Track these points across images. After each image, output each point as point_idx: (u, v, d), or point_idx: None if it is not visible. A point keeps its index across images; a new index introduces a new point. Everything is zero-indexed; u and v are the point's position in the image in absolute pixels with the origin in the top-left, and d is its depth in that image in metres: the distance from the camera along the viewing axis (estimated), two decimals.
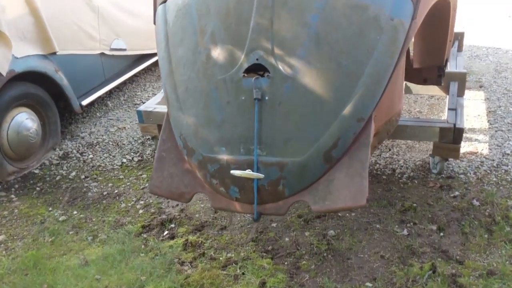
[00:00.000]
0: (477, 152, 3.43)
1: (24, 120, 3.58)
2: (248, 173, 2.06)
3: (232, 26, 2.24)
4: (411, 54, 3.17)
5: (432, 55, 3.12)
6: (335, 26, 2.14)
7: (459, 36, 4.32)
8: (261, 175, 2.07)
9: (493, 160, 3.32)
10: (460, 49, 4.29)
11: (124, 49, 4.47)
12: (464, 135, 3.65)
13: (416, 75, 3.30)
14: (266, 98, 2.12)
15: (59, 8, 3.91)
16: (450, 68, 3.89)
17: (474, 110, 4.01)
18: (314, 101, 2.10)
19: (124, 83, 4.94)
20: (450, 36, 3.08)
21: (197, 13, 2.32)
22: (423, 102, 4.21)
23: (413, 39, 3.20)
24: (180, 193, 2.25)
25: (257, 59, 2.15)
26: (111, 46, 4.37)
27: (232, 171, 2.09)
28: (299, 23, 2.16)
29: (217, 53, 2.22)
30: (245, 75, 2.17)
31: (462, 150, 3.45)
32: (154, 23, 2.56)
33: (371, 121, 2.12)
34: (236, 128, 2.14)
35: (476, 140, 3.59)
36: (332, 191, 2.05)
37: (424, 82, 3.32)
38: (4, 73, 3.32)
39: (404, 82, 3.66)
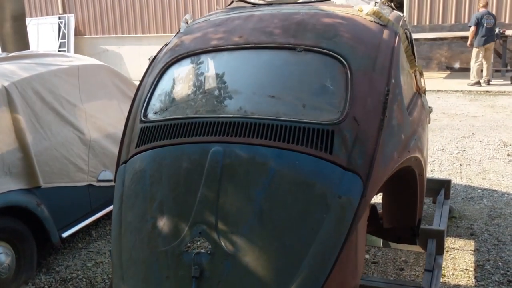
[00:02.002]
0: None
1: None
2: None
3: (180, 196, 2.23)
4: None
5: (402, 217, 3.04)
6: (280, 203, 2.11)
7: (445, 184, 4.25)
8: None
9: None
10: (447, 197, 4.21)
11: (111, 180, 4.52)
12: None
13: (389, 234, 3.20)
14: (206, 275, 2.04)
15: (51, 142, 4.03)
16: (435, 219, 3.78)
17: (461, 263, 3.83)
18: (254, 282, 2.01)
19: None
20: (421, 198, 3.02)
21: (150, 179, 2.33)
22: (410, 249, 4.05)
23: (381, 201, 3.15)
24: None
25: (200, 233, 2.11)
26: (98, 178, 4.43)
27: None
28: (245, 198, 2.14)
29: (163, 223, 2.20)
30: (189, 249, 2.11)
31: None
32: (114, 181, 2.59)
33: None
34: None
35: None
36: None
37: (398, 240, 3.20)
38: None
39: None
